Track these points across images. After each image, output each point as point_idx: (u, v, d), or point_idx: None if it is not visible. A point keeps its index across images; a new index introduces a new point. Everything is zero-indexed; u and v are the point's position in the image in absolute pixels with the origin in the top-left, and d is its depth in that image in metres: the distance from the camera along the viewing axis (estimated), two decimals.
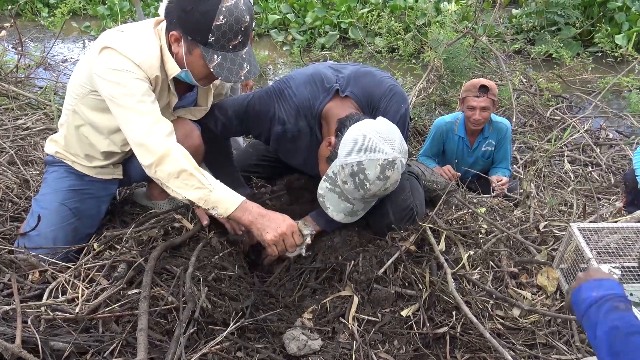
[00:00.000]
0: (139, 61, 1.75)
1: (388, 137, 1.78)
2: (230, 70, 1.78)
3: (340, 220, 1.93)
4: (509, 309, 1.91)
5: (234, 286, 1.93)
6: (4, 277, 1.82)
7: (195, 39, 1.74)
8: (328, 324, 1.88)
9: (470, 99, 3.34)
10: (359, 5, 8.59)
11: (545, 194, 3.15)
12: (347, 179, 1.80)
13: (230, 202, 1.79)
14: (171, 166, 1.74)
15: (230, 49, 1.76)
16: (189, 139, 2.03)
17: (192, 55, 1.79)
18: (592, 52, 6.93)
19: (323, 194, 1.91)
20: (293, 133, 2.09)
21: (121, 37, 1.79)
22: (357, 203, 1.89)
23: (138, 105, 1.75)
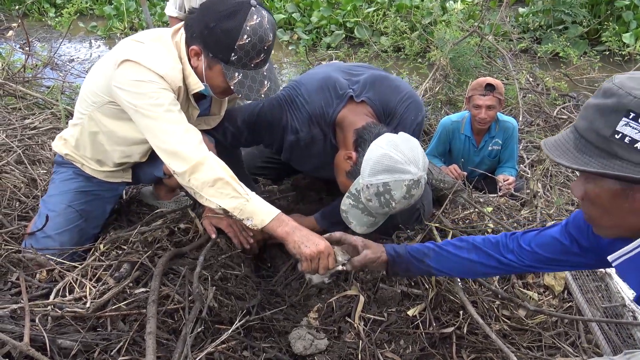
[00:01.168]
0: (162, 73, 1.72)
1: (412, 156, 1.75)
2: (251, 89, 1.75)
3: (362, 232, 1.92)
4: (515, 310, 1.90)
5: (240, 285, 1.93)
6: (12, 275, 1.84)
7: (217, 57, 1.71)
8: (334, 324, 1.88)
9: (476, 98, 3.33)
10: (365, 4, 8.57)
11: (552, 194, 3.13)
12: (372, 198, 1.79)
13: (266, 214, 1.73)
14: (207, 174, 1.69)
15: (252, 67, 1.73)
16: None
17: (212, 71, 1.75)
18: (599, 50, 6.89)
19: (346, 210, 1.90)
20: (306, 141, 2.07)
21: (141, 49, 1.75)
22: (380, 217, 1.90)
23: (167, 115, 1.71)
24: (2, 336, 1.37)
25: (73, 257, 2.01)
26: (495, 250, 1.54)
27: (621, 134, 0.96)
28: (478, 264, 1.56)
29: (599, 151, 0.99)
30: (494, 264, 1.54)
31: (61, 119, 3.37)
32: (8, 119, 3.41)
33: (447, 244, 1.64)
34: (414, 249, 1.68)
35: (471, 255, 1.57)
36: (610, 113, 0.98)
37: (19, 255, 1.95)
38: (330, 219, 2.15)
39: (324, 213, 2.20)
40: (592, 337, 1.82)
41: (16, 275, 1.83)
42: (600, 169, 0.98)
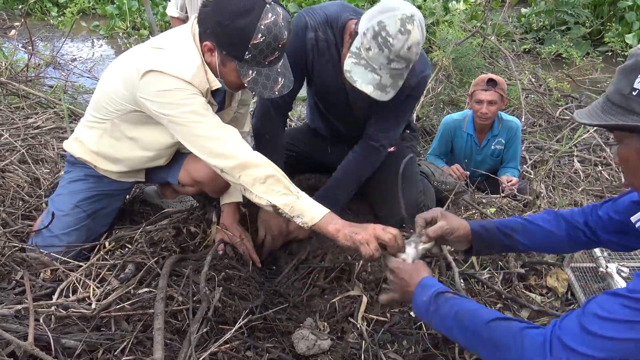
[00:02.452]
0: (189, 78, 1.70)
1: (404, 2, 1.81)
2: (265, 86, 1.73)
3: (370, 93, 1.84)
4: (518, 311, 1.90)
5: (243, 285, 1.94)
6: (17, 274, 1.84)
7: (230, 54, 1.70)
8: (337, 324, 1.89)
9: (478, 92, 3.33)
10: (367, 5, 8.57)
11: (555, 195, 3.13)
12: (370, 44, 1.79)
13: (316, 211, 1.72)
14: (258, 171, 1.70)
15: (266, 64, 1.72)
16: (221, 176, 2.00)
17: (226, 68, 1.74)
18: (602, 51, 6.88)
19: (349, 69, 1.86)
20: (322, 43, 2.08)
21: (163, 57, 1.73)
22: (384, 74, 1.83)
23: (202, 120, 1.72)
24: (6, 335, 1.37)
25: (77, 256, 2.01)
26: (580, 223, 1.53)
27: (637, 90, 1.04)
28: (565, 238, 1.54)
29: (620, 109, 1.07)
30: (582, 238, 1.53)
31: (64, 118, 3.37)
32: (11, 118, 3.42)
33: (536, 218, 1.60)
34: (502, 224, 1.62)
35: (559, 230, 1.54)
36: (630, 72, 1.07)
37: (23, 255, 1.95)
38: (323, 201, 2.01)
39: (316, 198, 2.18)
40: None
41: (20, 274, 1.83)
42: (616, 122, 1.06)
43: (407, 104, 2.12)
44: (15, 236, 2.13)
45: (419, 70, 2.03)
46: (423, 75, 2.06)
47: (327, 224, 1.69)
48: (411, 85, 2.02)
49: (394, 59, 1.77)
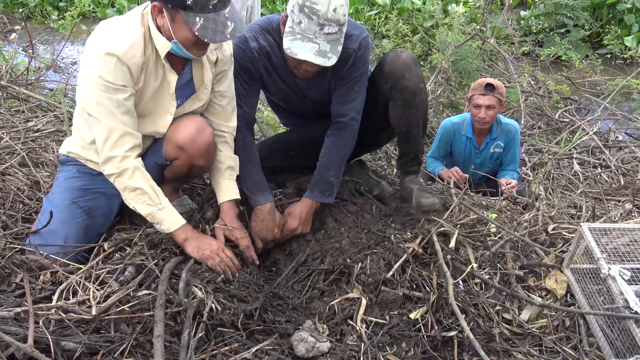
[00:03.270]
0: (121, 52, 1.79)
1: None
2: (215, 31, 1.76)
3: (312, 60, 1.95)
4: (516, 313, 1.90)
5: (242, 288, 1.94)
6: (16, 277, 1.84)
7: (175, 5, 1.75)
8: (336, 326, 1.89)
9: (476, 97, 3.34)
10: (367, 7, 8.59)
11: (554, 197, 3.13)
12: (299, 17, 1.94)
13: (173, 222, 1.94)
14: (130, 182, 1.89)
15: (211, 9, 1.75)
16: (202, 135, 2.04)
17: (176, 23, 1.79)
18: (601, 54, 6.89)
19: (288, 46, 1.98)
20: (266, 49, 2.20)
21: (105, 33, 1.85)
22: (320, 41, 1.96)
23: (105, 118, 1.84)
24: (6, 338, 1.38)
25: (77, 257, 2.01)
26: None
27: None
28: None
29: None
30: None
31: (64, 121, 3.38)
32: (11, 121, 3.42)
33: None
34: None
35: None
36: None
37: (23, 257, 1.96)
38: (319, 189, 2.29)
39: (311, 187, 2.31)
40: (594, 341, 1.82)
41: (20, 276, 1.84)
42: None
43: (357, 69, 2.20)
44: (15, 238, 2.13)
45: (356, 34, 2.16)
46: (363, 36, 2.18)
47: (180, 234, 1.95)
48: (354, 48, 2.15)
49: (324, 23, 1.91)
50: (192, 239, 1.96)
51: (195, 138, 2.01)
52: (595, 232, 1.96)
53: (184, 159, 2.09)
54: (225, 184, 2.16)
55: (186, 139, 2.02)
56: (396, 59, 2.25)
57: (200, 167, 2.16)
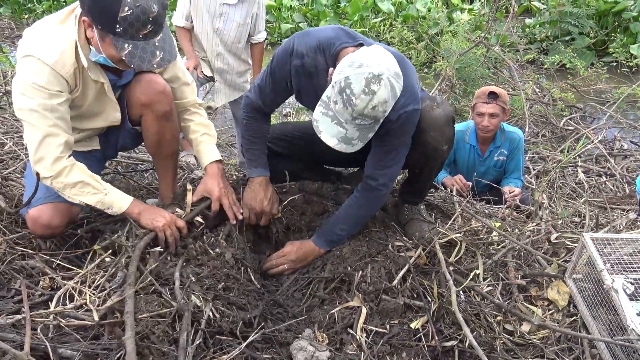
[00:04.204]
0: (51, 62, 1.80)
1: (377, 56, 1.75)
2: (142, 59, 1.78)
3: (334, 146, 1.83)
4: (518, 324, 1.88)
5: (242, 295, 1.93)
6: (16, 283, 1.84)
7: (104, 29, 1.74)
8: (336, 335, 1.87)
9: (479, 105, 3.34)
10: (372, 14, 8.62)
11: (558, 205, 3.12)
12: (337, 98, 1.75)
13: (122, 201, 2.02)
14: (67, 179, 1.92)
15: (141, 38, 1.75)
16: (153, 82, 2.11)
17: (105, 43, 1.79)
18: (606, 62, 6.88)
19: (317, 118, 1.84)
20: (310, 69, 2.05)
21: (34, 42, 1.83)
22: (350, 128, 1.80)
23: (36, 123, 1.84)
24: (2, 345, 1.37)
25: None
26: None
27: None
28: None
29: None
30: None
31: None
32: (16, 126, 3.44)
33: None
34: None
35: None
36: None
37: (23, 263, 1.96)
38: (325, 237, 2.19)
39: (319, 233, 2.24)
40: (597, 352, 1.80)
41: (19, 282, 1.84)
42: None
43: (391, 138, 2.05)
44: (16, 243, 2.13)
45: (399, 106, 1.95)
46: (407, 110, 1.97)
47: (132, 210, 2.03)
48: (391, 119, 1.97)
49: (357, 117, 1.75)
50: (145, 211, 2.04)
51: (147, 86, 2.09)
52: (598, 242, 1.94)
53: (151, 114, 2.15)
54: (205, 148, 2.29)
55: (141, 90, 2.10)
56: (429, 111, 2.08)
57: (164, 113, 2.17)
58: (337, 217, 2.23)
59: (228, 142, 5.17)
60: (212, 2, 3.51)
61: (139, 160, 3.23)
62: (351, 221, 2.20)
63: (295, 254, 2.21)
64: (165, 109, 2.16)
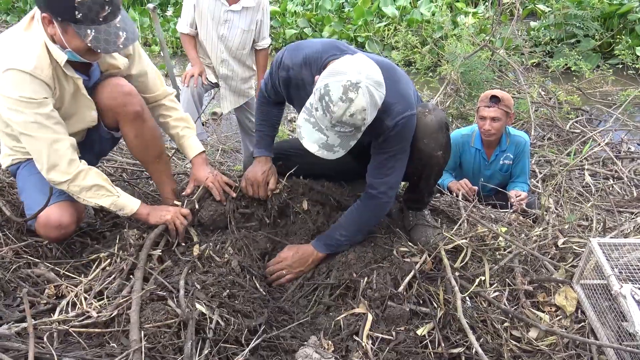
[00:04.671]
0: (30, 69, 1.81)
1: (357, 64, 1.76)
2: (107, 41, 1.81)
3: (315, 152, 1.84)
4: (525, 330, 1.87)
5: (247, 303, 1.92)
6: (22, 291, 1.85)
7: (65, 18, 1.77)
8: (342, 342, 1.86)
9: (482, 109, 3.34)
10: (376, 19, 8.62)
11: (565, 209, 3.09)
12: (317, 105, 1.78)
13: (132, 204, 2.13)
14: (84, 182, 1.99)
15: (101, 21, 1.78)
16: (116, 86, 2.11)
17: (68, 35, 1.81)
18: (612, 64, 6.84)
19: (300, 124, 1.87)
20: (297, 81, 2.10)
21: (8, 52, 1.83)
22: (331, 135, 1.81)
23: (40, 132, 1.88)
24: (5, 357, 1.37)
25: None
26: None
27: None
28: None
29: None
30: None
31: None
32: None
33: None
34: None
35: None
36: None
37: (28, 271, 1.97)
38: (324, 241, 2.21)
39: (319, 237, 2.25)
40: (605, 359, 1.78)
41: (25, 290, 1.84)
42: None
43: (389, 145, 2.04)
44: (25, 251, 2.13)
45: (397, 111, 1.96)
46: (405, 115, 1.98)
47: (141, 212, 2.14)
48: (388, 126, 1.98)
49: (336, 124, 1.76)
50: (153, 210, 2.17)
51: (113, 89, 2.11)
52: (605, 247, 1.92)
53: (122, 117, 2.16)
54: (188, 143, 2.40)
55: (108, 95, 2.11)
56: (421, 118, 2.09)
57: (135, 114, 2.16)
58: (338, 222, 2.23)
59: (233, 147, 5.17)
60: (216, 9, 3.53)
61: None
62: (351, 228, 2.19)
63: (292, 259, 2.22)
64: (135, 109, 2.16)
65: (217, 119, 5.86)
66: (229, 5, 3.53)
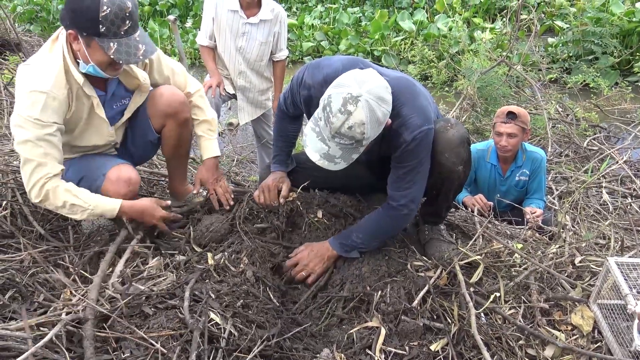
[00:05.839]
0: (47, 89, 1.95)
1: (361, 78, 1.79)
2: (129, 53, 1.96)
3: (316, 161, 1.86)
4: (540, 347, 1.84)
5: (261, 313, 1.92)
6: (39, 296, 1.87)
7: (89, 33, 1.92)
8: (354, 356, 1.85)
9: (498, 125, 3.32)
10: (393, 33, 8.66)
11: (582, 227, 3.06)
12: (321, 114, 1.81)
13: (112, 207, 2.14)
14: (56, 201, 2.05)
15: (122, 34, 1.94)
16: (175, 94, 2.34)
17: (91, 48, 1.96)
18: (631, 81, 6.77)
19: (306, 132, 1.89)
20: (318, 100, 2.02)
21: (28, 75, 1.99)
22: (332, 146, 1.82)
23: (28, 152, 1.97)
24: None
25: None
26: None
27: None
28: None
29: None
30: None
31: None
32: None
33: None
34: None
35: None
36: None
37: (46, 276, 1.99)
38: (340, 240, 2.23)
39: (336, 235, 2.28)
40: None
41: (42, 296, 1.87)
42: None
43: (407, 160, 2.04)
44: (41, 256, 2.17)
45: (415, 124, 1.97)
46: (423, 129, 1.97)
47: (124, 211, 2.16)
48: (406, 140, 1.98)
49: (335, 135, 1.79)
50: (132, 208, 2.19)
51: (171, 98, 2.32)
52: (623, 266, 1.90)
53: (172, 122, 2.38)
54: (206, 144, 2.52)
55: (165, 103, 2.32)
56: (442, 132, 2.09)
57: (185, 120, 2.42)
58: (357, 225, 2.25)
59: (249, 158, 5.21)
60: (234, 21, 3.57)
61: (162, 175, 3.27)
62: (369, 232, 2.20)
63: (308, 257, 2.23)
64: (186, 116, 2.42)
65: (234, 129, 5.90)
66: (247, 17, 3.57)
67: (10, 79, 4.70)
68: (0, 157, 3.03)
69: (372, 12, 9.61)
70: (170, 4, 11.29)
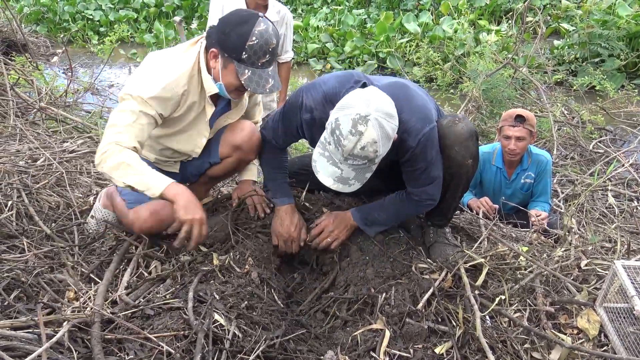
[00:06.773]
0: (168, 82, 2.02)
1: (366, 97, 1.80)
2: (258, 84, 2.05)
3: (330, 186, 1.87)
4: (546, 351, 1.83)
5: (265, 315, 1.92)
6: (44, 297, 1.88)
7: (231, 56, 2.02)
8: (358, 358, 1.85)
9: (506, 129, 3.31)
10: (398, 35, 8.65)
11: (588, 230, 3.04)
12: (330, 139, 1.81)
13: (161, 183, 1.98)
14: (111, 159, 1.97)
15: (259, 65, 2.03)
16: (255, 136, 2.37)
17: (227, 70, 2.06)
18: (637, 84, 6.75)
19: (315, 159, 1.90)
20: (322, 120, 2.07)
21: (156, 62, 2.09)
22: (345, 168, 1.84)
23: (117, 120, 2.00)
24: None
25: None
26: None
27: None
28: None
29: None
30: None
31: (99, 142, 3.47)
32: (48, 142, 3.53)
33: None
34: None
35: None
36: None
37: (51, 276, 2.00)
38: (362, 213, 2.26)
39: (359, 207, 2.31)
40: None
41: (47, 296, 1.87)
42: None
43: (416, 163, 2.06)
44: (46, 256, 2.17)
45: (416, 129, 1.99)
46: (424, 132, 1.99)
47: (169, 191, 1.97)
48: (411, 145, 2.00)
49: (348, 157, 1.79)
50: (182, 195, 1.99)
51: (250, 138, 2.35)
52: (630, 270, 1.89)
53: (237, 156, 2.41)
54: (248, 166, 2.57)
55: (243, 139, 2.35)
56: (451, 127, 2.09)
57: (249, 161, 2.51)
58: (378, 204, 2.28)
59: None
60: None
61: None
62: (391, 212, 2.26)
63: (333, 225, 2.29)
64: (252, 158, 2.48)
65: None
66: None
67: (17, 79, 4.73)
68: (6, 158, 3.04)
69: (378, 14, 9.61)
70: (176, 6, 11.34)
